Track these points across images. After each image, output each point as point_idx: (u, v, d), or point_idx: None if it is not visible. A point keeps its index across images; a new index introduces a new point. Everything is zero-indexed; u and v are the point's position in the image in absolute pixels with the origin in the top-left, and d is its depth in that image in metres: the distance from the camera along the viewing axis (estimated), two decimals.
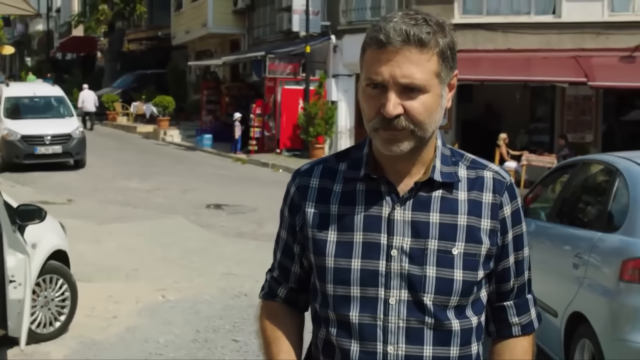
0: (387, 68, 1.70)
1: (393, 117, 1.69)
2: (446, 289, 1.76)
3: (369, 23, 23.34)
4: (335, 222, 1.82)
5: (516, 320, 1.92)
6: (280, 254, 1.97)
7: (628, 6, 20.35)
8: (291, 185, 1.92)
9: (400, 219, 1.78)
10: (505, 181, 1.86)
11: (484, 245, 1.80)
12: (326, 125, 22.21)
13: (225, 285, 8.16)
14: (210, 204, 14.12)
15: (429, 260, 1.76)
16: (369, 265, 1.77)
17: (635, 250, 4.33)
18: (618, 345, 4.31)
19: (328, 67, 23.19)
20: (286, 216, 1.93)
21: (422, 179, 1.80)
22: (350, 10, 23.05)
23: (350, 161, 1.87)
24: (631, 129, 20.97)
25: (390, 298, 1.76)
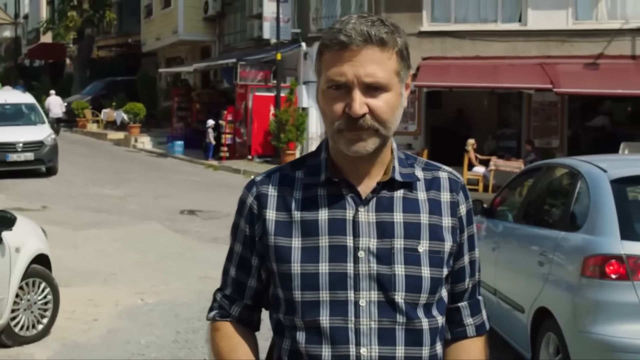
0: (351, 68, 1.71)
1: (359, 116, 1.71)
2: (416, 286, 1.78)
3: None
4: (299, 228, 1.81)
5: (470, 321, 1.95)
6: (235, 269, 1.91)
7: (591, 15, 20.83)
8: (247, 195, 1.89)
9: (365, 220, 1.79)
10: (460, 181, 1.91)
11: (446, 243, 1.83)
12: (297, 132, 22.43)
13: (203, 288, 8.32)
14: (184, 209, 14.26)
15: (396, 259, 1.77)
16: (337, 269, 1.77)
17: (595, 247, 4.60)
18: (580, 336, 4.58)
19: (299, 74, 23.42)
20: (242, 228, 1.89)
21: (384, 180, 1.82)
22: (320, 17, 23.33)
23: (308, 168, 1.87)
24: (596, 134, 21.45)
25: (360, 300, 1.76)
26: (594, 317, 4.49)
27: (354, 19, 1.75)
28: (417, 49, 21.06)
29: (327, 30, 1.79)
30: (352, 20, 1.75)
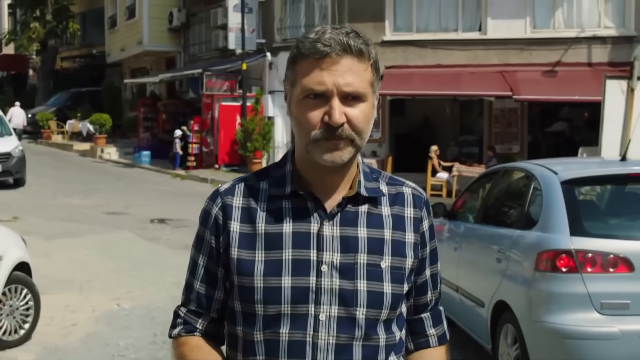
0: (330, 77, 1.71)
1: (339, 125, 1.71)
2: (377, 302, 1.78)
3: None
4: (263, 241, 1.79)
5: (433, 332, 1.98)
6: (199, 283, 1.87)
7: (549, 24, 21.43)
8: (212, 206, 1.86)
9: (329, 234, 1.78)
10: (423, 197, 1.92)
11: (408, 259, 1.84)
12: (263, 141, 22.71)
13: (177, 293, 8.50)
14: (154, 218, 14.47)
15: (359, 274, 1.77)
16: (300, 283, 1.75)
17: (548, 243, 4.98)
18: (535, 326, 4.95)
19: (264, 84, 23.71)
20: (207, 239, 1.86)
21: (350, 194, 1.81)
22: (285, 28, 23.67)
23: (272, 179, 1.85)
24: (555, 140, 22.06)
25: (320, 314, 1.75)
26: (547, 308, 4.87)
27: (329, 29, 1.74)
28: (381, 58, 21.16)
29: (300, 39, 1.78)
30: (327, 30, 1.74)
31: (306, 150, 1.76)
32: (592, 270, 4.76)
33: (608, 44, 20.87)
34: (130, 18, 31.18)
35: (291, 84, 1.79)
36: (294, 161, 1.85)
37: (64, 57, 41.27)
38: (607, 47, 20.87)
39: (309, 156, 1.76)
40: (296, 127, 1.77)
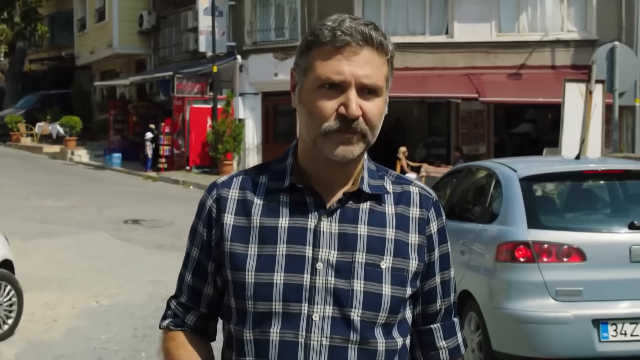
0: (349, 67, 1.63)
1: (355, 118, 1.63)
2: (374, 304, 1.68)
3: (274, 43, 24.08)
4: (257, 235, 1.71)
5: (443, 344, 1.85)
6: (191, 276, 1.82)
7: (514, 27, 21.94)
8: (207, 198, 1.80)
9: (327, 230, 1.70)
10: (432, 197, 1.81)
11: (411, 261, 1.73)
12: (234, 142, 22.95)
13: (154, 290, 8.83)
14: (128, 219, 14.66)
15: (356, 273, 1.68)
16: (293, 280, 1.67)
17: (507, 236, 5.34)
18: (495, 312, 5.31)
19: (235, 86, 23.96)
20: (200, 232, 1.80)
21: (351, 190, 1.73)
22: (255, 31, 23.93)
23: (272, 173, 1.78)
24: (520, 141, 22.58)
25: (313, 314, 1.66)
26: (506, 295, 5.23)
27: (348, 18, 1.67)
28: None
29: (317, 26, 1.69)
30: (346, 19, 1.66)
31: (314, 143, 1.68)
32: (548, 260, 5.13)
33: (571, 48, 21.43)
34: (100, 21, 31.24)
35: (304, 72, 1.70)
36: (296, 155, 1.78)
37: (33, 60, 41.13)
38: (570, 50, 21.43)
39: (317, 149, 1.68)
40: (306, 118, 1.69)
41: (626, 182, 6.00)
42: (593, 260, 5.12)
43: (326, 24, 1.67)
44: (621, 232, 5.29)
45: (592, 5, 21.55)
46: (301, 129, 1.74)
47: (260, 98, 23.92)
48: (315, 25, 1.70)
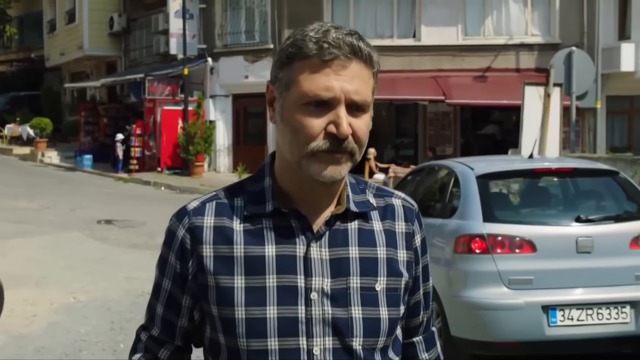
0: (338, 83, 1.51)
1: (346, 137, 1.52)
2: (374, 330, 1.60)
3: (244, 46, 24.32)
4: (242, 265, 1.58)
5: (426, 357, 1.81)
6: (164, 308, 1.69)
7: (479, 31, 22.48)
8: (178, 226, 1.64)
9: (318, 257, 1.58)
10: (414, 208, 1.74)
11: (403, 279, 1.66)
12: (205, 144, 23.23)
13: (129, 287, 9.11)
14: (101, 219, 14.89)
15: (353, 300, 1.59)
16: (287, 313, 1.56)
17: (464, 229, 5.73)
18: (454, 300, 5.70)
19: (205, 88, 24.24)
20: (172, 264, 1.65)
21: (338, 211, 1.62)
22: (226, 34, 24.23)
23: (249, 195, 1.64)
24: (486, 142, 23.12)
25: (314, 347, 1.56)
26: (464, 284, 5.62)
27: (332, 29, 1.54)
28: None
29: (299, 36, 1.55)
30: (331, 30, 1.53)
31: (299, 164, 1.55)
32: (502, 252, 5.53)
33: (535, 51, 22.03)
34: (70, 22, 31.31)
35: (286, 86, 1.56)
36: (273, 175, 1.65)
37: (1, 61, 40.98)
38: (534, 53, 22.02)
39: (302, 170, 1.55)
40: (290, 136, 1.55)
41: (575, 179, 6.44)
42: (543, 251, 5.53)
43: (309, 35, 1.53)
44: (569, 225, 5.70)
45: (555, 10, 22.16)
46: (282, 147, 1.60)
47: (230, 100, 24.24)
48: (296, 35, 1.56)
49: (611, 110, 22.39)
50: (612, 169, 6.43)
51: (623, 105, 22.63)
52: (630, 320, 5.51)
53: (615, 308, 5.52)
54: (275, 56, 1.62)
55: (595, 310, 5.49)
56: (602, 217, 5.83)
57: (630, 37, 21.20)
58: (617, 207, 6.10)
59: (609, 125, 22.61)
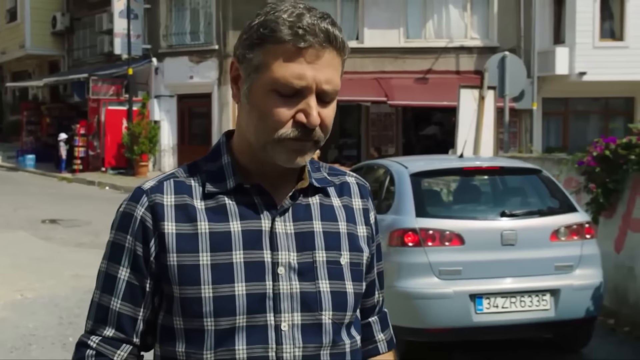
0: (311, 72, 1.48)
1: (315, 127, 1.50)
2: (342, 303, 1.59)
3: (189, 47, 24.39)
4: (207, 242, 1.53)
5: (381, 337, 1.81)
6: (120, 301, 1.57)
7: (421, 34, 23.02)
8: (135, 207, 1.57)
9: (283, 231, 1.56)
10: (367, 186, 1.75)
11: (364, 254, 1.66)
12: (150, 144, 23.29)
13: (76, 284, 9.28)
14: (45, 219, 14.93)
15: (320, 273, 1.57)
16: (255, 289, 1.52)
17: (398, 224, 6.10)
18: (388, 291, 5.98)
19: (150, 88, 24.28)
20: (130, 247, 1.56)
21: (303, 185, 1.61)
22: (171, 34, 24.31)
23: (208, 174, 1.60)
24: (427, 142, 23.68)
25: (282, 323, 1.53)
26: (398, 275, 5.99)
27: (306, 12, 1.49)
28: None
29: (271, 17, 1.50)
30: (305, 14, 1.49)
31: (263, 148, 1.53)
32: (432, 244, 5.92)
33: (474, 54, 22.65)
34: (11, 21, 30.95)
35: (256, 68, 1.52)
36: (231, 153, 1.62)
37: None
38: (474, 56, 22.64)
39: (265, 154, 1.54)
40: (257, 120, 1.52)
41: (502, 177, 6.87)
42: (470, 244, 5.93)
43: (282, 17, 1.48)
44: (494, 220, 6.12)
45: (494, 15, 22.84)
46: (247, 128, 1.56)
47: (175, 100, 24.33)
48: (268, 14, 1.51)
49: (547, 112, 23.15)
50: (536, 168, 6.89)
51: (558, 107, 23.40)
52: (550, 307, 5.96)
53: (536, 296, 5.96)
54: (243, 33, 1.55)
55: (519, 298, 5.92)
56: (525, 212, 6.27)
57: (565, 41, 21.93)
58: (540, 202, 6.54)
59: (544, 126, 23.36)
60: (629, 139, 7.33)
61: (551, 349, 6.70)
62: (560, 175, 8.84)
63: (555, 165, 9.13)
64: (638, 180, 7.26)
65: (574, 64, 21.55)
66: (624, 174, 7.40)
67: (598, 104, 23.42)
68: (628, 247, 7.52)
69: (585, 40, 21.53)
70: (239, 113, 1.60)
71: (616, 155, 7.39)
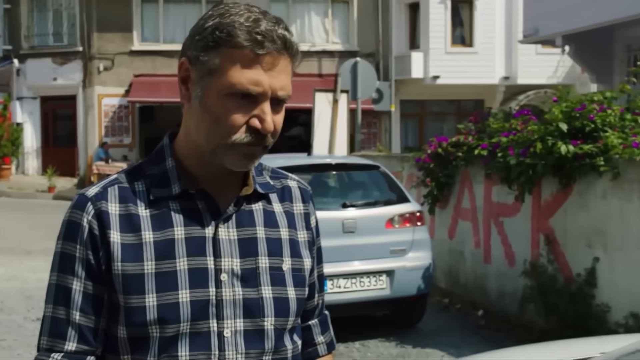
0: (268, 79, 1.48)
1: (269, 133, 1.51)
2: (284, 309, 1.60)
3: (52, 48, 24.11)
4: (152, 251, 1.52)
5: (321, 339, 1.82)
6: (79, 313, 1.53)
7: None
8: (81, 215, 1.54)
9: (226, 237, 1.57)
10: (309, 190, 1.76)
11: (305, 260, 1.67)
12: (12, 147, 22.91)
13: None
14: None
15: (262, 280, 1.58)
16: (198, 296, 1.52)
17: None
18: None
19: (12, 90, 23.85)
20: (82, 257, 1.53)
21: (248, 192, 1.60)
22: (33, 35, 23.98)
23: (152, 179, 1.58)
24: (292, 142, 24.47)
25: (224, 330, 1.53)
26: None
27: (262, 17, 1.50)
28: (130, 67, 22.68)
29: (224, 21, 1.49)
30: (262, 20, 1.49)
31: (214, 152, 1.52)
32: None
33: (335, 58, 23.62)
34: None
35: (210, 72, 1.50)
36: (175, 156, 1.61)
37: None
38: (335, 60, 23.60)
39: (215, 157, 1.53)
40: (209, 124, 1.51)
41: (348, 172, 7.64)
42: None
43: (239, 21, 1.48)
44: (337, 210, 6.87)
45: (354, 21, 23.93)
46: (197, 132, 1.55)
47: (39, 102, 24.02)
48: (223, 17, 1.50)
49: (404, 114, 24.48)
50: (375, 164, 7.70)
51: (415, 109, 24.78)
52: (386, 287, 6.78)
53: (374, 277, 6.76)
54: (195, 34, 1.53)
55: (358, 279, 6.70)
56: (363, 203, 7.06)
57: (420, 46, 23.27)
58: (378, 195, 7.34)
59: (402, 127, 24.68)
60: (458, 138, 8.27)
61: (390, 325, 7.51)
62: (403, 171, 9.76)
63: (400, 163, 10.04)
64: (466, 174, 8.22)
65: (428, 68, 22.91)
66: (454, 169, 8.35)
67: (452, 106, 24.96)
68: (459, 233, 8.48)
69: (438, 45, 22.94)
70: (187, 115, 1.58)
71: (447, 153, 8.33)
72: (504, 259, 7.55)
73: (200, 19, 1.54)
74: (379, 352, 6.65)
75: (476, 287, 8.13)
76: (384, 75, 23.27)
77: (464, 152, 8.07)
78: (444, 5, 22.92)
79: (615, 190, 6.03)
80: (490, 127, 7.83)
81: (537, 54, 21.79)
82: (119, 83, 22.64)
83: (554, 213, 6.74)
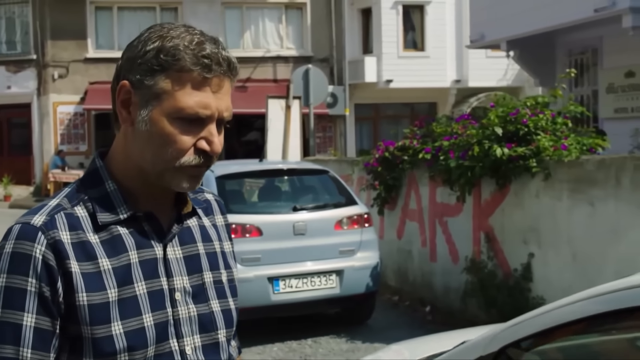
0: (215, 101, 1.50)
1: (217, 154, 1.52)
2: (230, 320, 1.65)
3: (5, 56, 24.02)
4: (112, 279, 1.50)
5: (234, 343, 1.83)
6: (31, 351, 1.45)
7: (239, 44, 24.03)
8: (32, 245, 1.46)
9: (174, 257, 1.58)
10: (222, 201, 1.81)
11: (234, 269, 1.73)
12: None
13: None
14: None
15: (210, 294, 1.62)
16: (160, 317, 1.54)
17: None
18: None
19: None
20: (34, 291, 1.45)
21: (187, 210, 1.63)
22: None
23: (95, 202, 1.54)
24: (249, 147, 24.72)
25: (185, 347, 1.56)
26: None
27: (205, 41, 1.51)
28: (85, 74, 22.74)
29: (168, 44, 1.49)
30: (205, 42, 1.50)
31: (160, 175, 1.53)
32: (235, 237, 6.86)
33: (290, 63, 23.94)
34: None
35: (156, 96, 1.50)
36: (114, 178, 1.58)
37: None
38: (290, 65, 23.90)
39: (161, 180, 1.53)
40: (156, 148, 1.51)
41: (299, 177, 7.97)
42: (268, 235, 6.95)
43: (183, 44, 1.49)
44: (287, 214, 7.18)
45: (307, 26, 24.27)
46: (141, 155, 1.54)
47: None
48: (164, 41, 1.50)
49: (359, 117, 24.88)
50: (324, 169, 8.02)
51: (369, 112, 25.19)
52: (336, 286, 7.11)
53: (324, 276, 7.09)
54: (136, 57, 1.52)
55: (309, 279, 7.03)
56: (313, 206, 7.39)
57: (373, 51, 23.68)
58: (327, 198, 7.67)
59: (357, 130, 25.07)
60: (404, 142, 8.65)
61: (341, 323, 7.84)
62: (353, 174, 10.12)
63: (350, 166, 10.40)
64: (412, 177, 8.60)
65: (381, 72, 23.33)
66: (401, 172, 8.73)
67: (406, 109, 25.40)
68: (407, 233, 8.86)
69: (391, 50, 23.39)
70: (128, 138, 1.55)
71: (394, 157, 8.70)
72: (448, 257, 7.95)
73: (136, 41, 1.54)
74: (330, 347, 6.98)
75: (424, 284, 8.52)
76: (338, 79, 23.68)
77: (410, 155, 8.44)
78: (395, 10, 23.37)
79: (547, 190, 6.45)
80: (434, 132, 8.21)
81: (487, 57, 22.32)
82: (74, 91, 22.66)
83: (493, 212, 7.15)
